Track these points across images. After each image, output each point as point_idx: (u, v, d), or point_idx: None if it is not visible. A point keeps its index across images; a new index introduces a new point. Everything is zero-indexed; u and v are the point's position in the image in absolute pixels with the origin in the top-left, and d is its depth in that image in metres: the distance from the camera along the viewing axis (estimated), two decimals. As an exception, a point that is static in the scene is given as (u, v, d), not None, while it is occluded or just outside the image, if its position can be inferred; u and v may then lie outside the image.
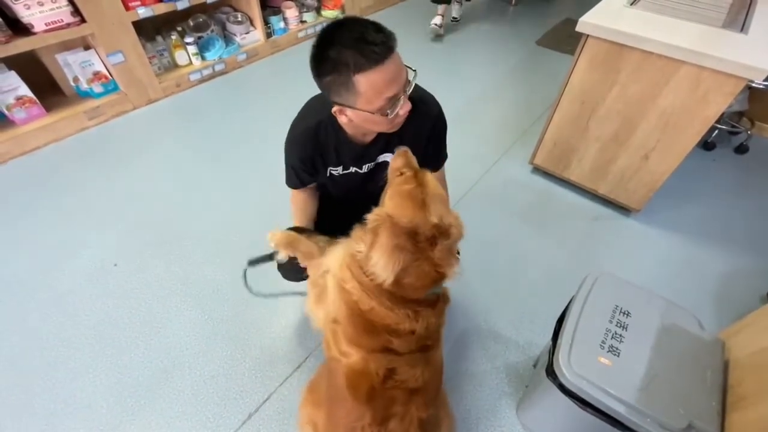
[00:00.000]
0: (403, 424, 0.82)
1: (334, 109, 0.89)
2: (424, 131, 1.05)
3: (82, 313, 1.51)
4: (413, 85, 0.88)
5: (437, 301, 0.85)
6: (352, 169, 1.10)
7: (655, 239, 1.88)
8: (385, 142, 1.04)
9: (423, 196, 0.78)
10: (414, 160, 0.88)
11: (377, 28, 0.78)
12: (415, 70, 0.90)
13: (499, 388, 1.37)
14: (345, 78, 0.79)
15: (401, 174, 0.85)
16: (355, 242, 0.82)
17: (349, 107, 0.85)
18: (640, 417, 0.86)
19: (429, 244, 0.75)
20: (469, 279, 1.65)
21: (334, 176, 1.12)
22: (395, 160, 0.89)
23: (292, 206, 1.23)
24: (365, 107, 0.84)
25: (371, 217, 0.79)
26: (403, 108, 0.87)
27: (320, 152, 1.05)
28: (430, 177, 0.83)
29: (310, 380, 1.10)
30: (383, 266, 0.74)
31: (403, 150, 0.90)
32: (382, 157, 1.09)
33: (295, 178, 1.14)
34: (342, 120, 0.92)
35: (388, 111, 0.85)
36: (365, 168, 1.10)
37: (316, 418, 0.98)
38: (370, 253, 0.77)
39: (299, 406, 1.09)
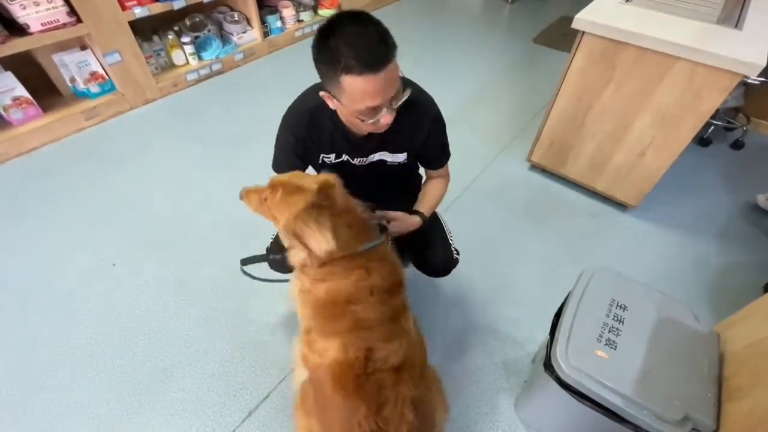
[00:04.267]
0: (396, 409, 0.83)
1: (323, 93, 0.90)
2: (421, 133, 1.05)
3: (82, 312, 1.51)
4: (402, 99, 0.89)
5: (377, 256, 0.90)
6: (345, 158, 1.10)
7: (651, 235, 1.89)
8: (380, 139, 1.04)
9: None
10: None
11: (382, 38, 0.78)
12: (410, 86, 0.91)
13: (497, 384, 1.37)
14: (334, 72, 0.80)
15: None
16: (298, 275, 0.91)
17: (335, 98, 0.87)
18: (637, 409, 0.87)
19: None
20: (468, 275, 1.66)
21: (326, 164, 1.12)
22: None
23: None
24: (347, 104, 0.85)
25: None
26: (385, 118, 0.88)
27: (315, 135, 1.04)
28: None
29: (299, 391, 1.09)
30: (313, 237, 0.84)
31: None
32: (377, 156, 1.09)
33: (284, 162, 1.13)
34: (330, 105, 0.92)
35: (364, 117, 0.86)
36: (357, 161, 1.10)
37: (311, 426, 0.98)
38: (305, 243, 0.85)
39: (293, 416, 1.08)
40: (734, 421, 0.84)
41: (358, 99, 0.82)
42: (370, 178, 1.15)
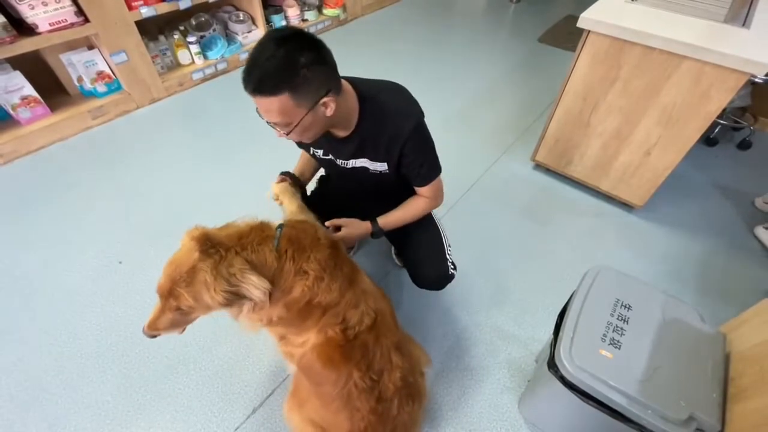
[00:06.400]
0: (384, 358, 0.90)
1: None
2: (397, 144, 1.01)
3: (89, 310, 1.53)
4: (288, 135, 0.91)
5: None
6: (330, 157, 1.11)
7: (657, 235, 1.88)
8: (357, 146, 1.04)
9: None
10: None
11: (271, 72, 0.78)
12: (394, 94, 0.99)
13: (501, 383, 1.37)
14: None
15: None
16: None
17: None
18: (642, 409, 0.87)
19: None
20: (472, 275, 1.66)
21: (316, 156, 1.15)
22: None
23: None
24: None
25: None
26: (276, 131, 0.92)
27: None
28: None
29: (289, 391, 1.11)
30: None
31: None
32: (359, 162, 1.09)
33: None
34: None
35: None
36: (340, 162, 1.11)
37: (310, 415, 1.00)
38: (246, 296, 0.79)
39: (286, 415, 1.09)
40: (740, 421, 0.83)
41: None
42: (355, 182, 1.16)
